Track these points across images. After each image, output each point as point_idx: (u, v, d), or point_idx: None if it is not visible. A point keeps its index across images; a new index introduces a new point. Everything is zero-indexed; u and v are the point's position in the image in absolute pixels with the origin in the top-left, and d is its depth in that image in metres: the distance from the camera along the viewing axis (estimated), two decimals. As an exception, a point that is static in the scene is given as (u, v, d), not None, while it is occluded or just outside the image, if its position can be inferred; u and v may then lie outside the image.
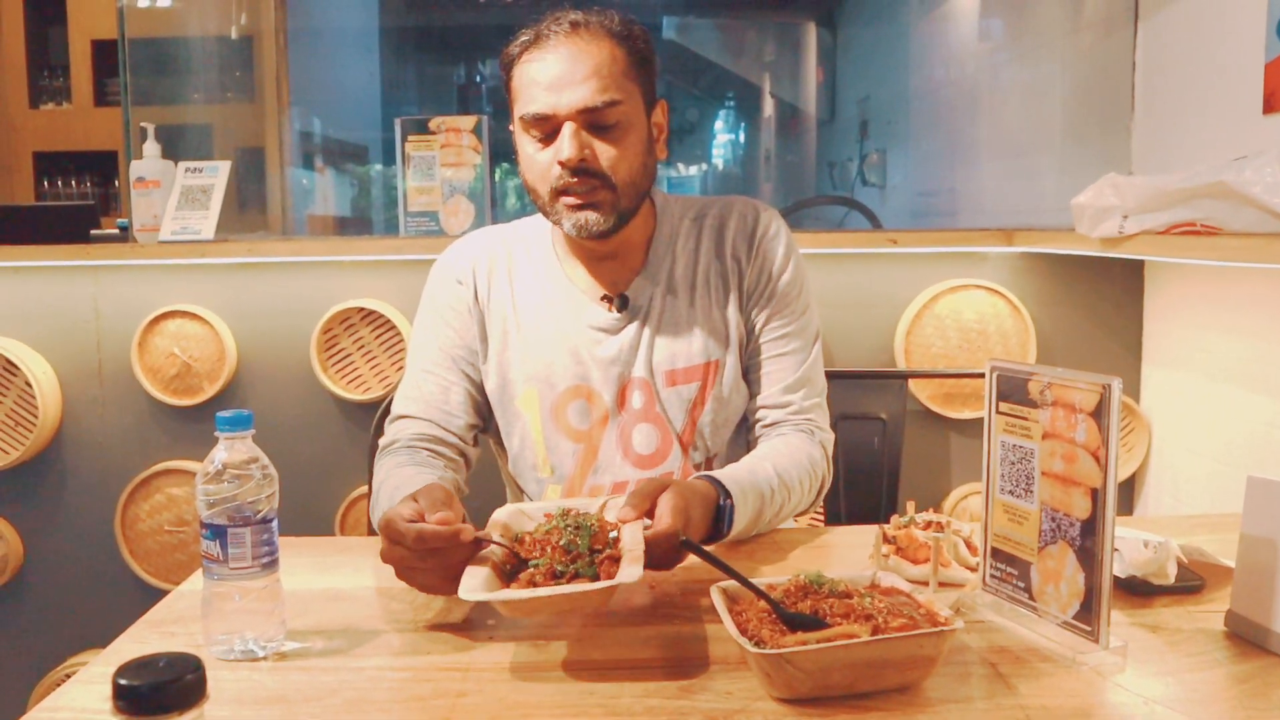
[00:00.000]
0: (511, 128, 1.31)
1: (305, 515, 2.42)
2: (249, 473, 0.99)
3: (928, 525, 1.12)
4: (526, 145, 1.27)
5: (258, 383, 2.40)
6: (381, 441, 1.33)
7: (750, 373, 1.37)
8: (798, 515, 1.36)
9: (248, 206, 3.36)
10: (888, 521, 1.17)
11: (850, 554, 1.25)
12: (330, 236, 3.00)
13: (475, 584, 0.93)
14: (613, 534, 1.00)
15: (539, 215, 1.39)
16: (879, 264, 2.41)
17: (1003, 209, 2.93)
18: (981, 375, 1.36)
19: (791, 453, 1.32)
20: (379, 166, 3.43)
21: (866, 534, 1.32)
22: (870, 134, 4.02)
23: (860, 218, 3.01)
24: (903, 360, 2.36)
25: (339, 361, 2.37)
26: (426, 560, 0.99)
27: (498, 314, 1.38)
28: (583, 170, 1.25)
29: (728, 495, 1.16)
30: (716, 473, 1.19)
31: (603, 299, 1.35)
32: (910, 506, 1.19)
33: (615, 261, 1.38)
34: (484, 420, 1.42)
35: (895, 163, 3.80)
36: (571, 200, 1.26)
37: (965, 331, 2.32)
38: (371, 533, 1.47)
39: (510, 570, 0.99)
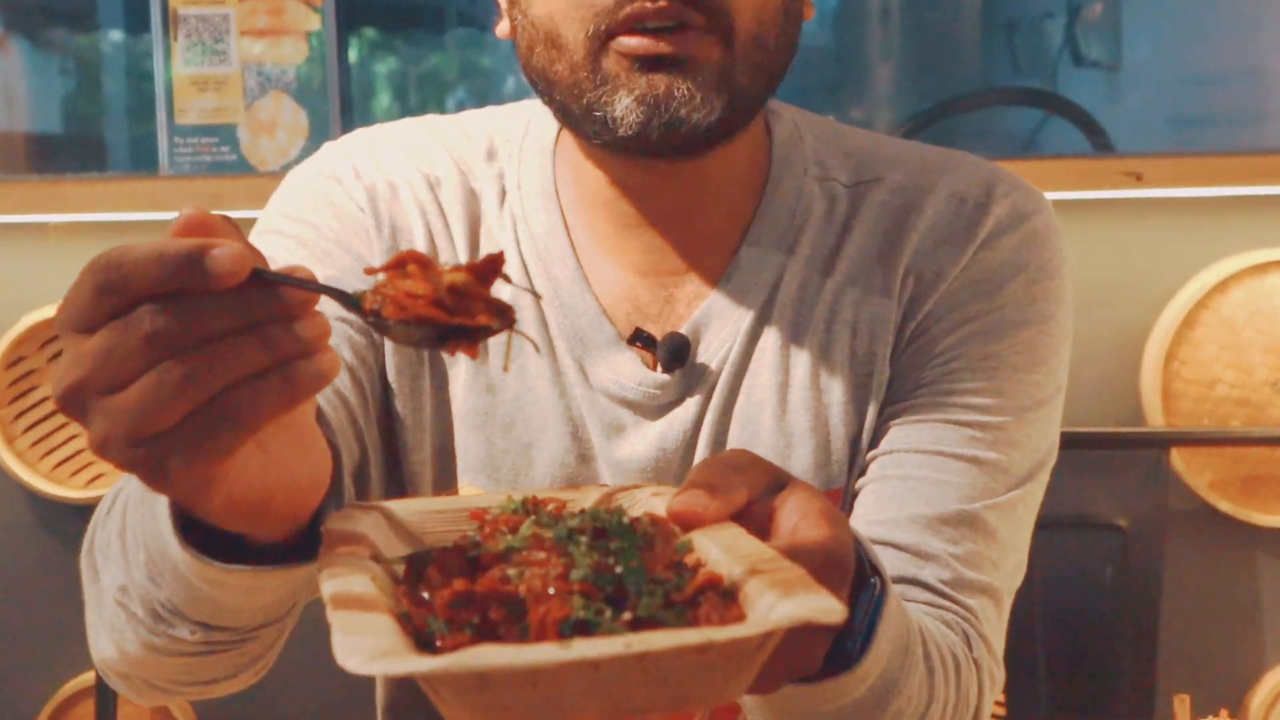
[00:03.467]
0: None
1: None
2: None
3: (1217, 746, 0.91)
4: None
5: None
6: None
7: (867, 475, 1.02)
8: None
9: None
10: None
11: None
12: (19, 176, 2.53)
13: (377, 642, 0.54)
14: (681, 548, 0.65)
15: (524, 112, 1.09)
16: (1108, 220, 1.95)
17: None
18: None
19: (936, 634, 0.94)
20: (117, 36, 2.97)
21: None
22: (1090, -38, 3.65)
23: (1069, 130, 2.46)
24: (1158, 410, 1.86)
25: (39, 422, 1.91)
26: (129, 345, 0.57)
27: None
28: None
29: (875, 570, 0.79)
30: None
31: (633, 339, 1.01)
32: (1182, 706, 1.04)
33: (684, 242, 1.03)
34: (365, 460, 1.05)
35: (1138, 22, 3.27)
36: (642, 45, 0.93)
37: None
38: None
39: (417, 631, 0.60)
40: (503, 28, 1.01)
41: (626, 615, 0.58)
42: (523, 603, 0.58)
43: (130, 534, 0.76)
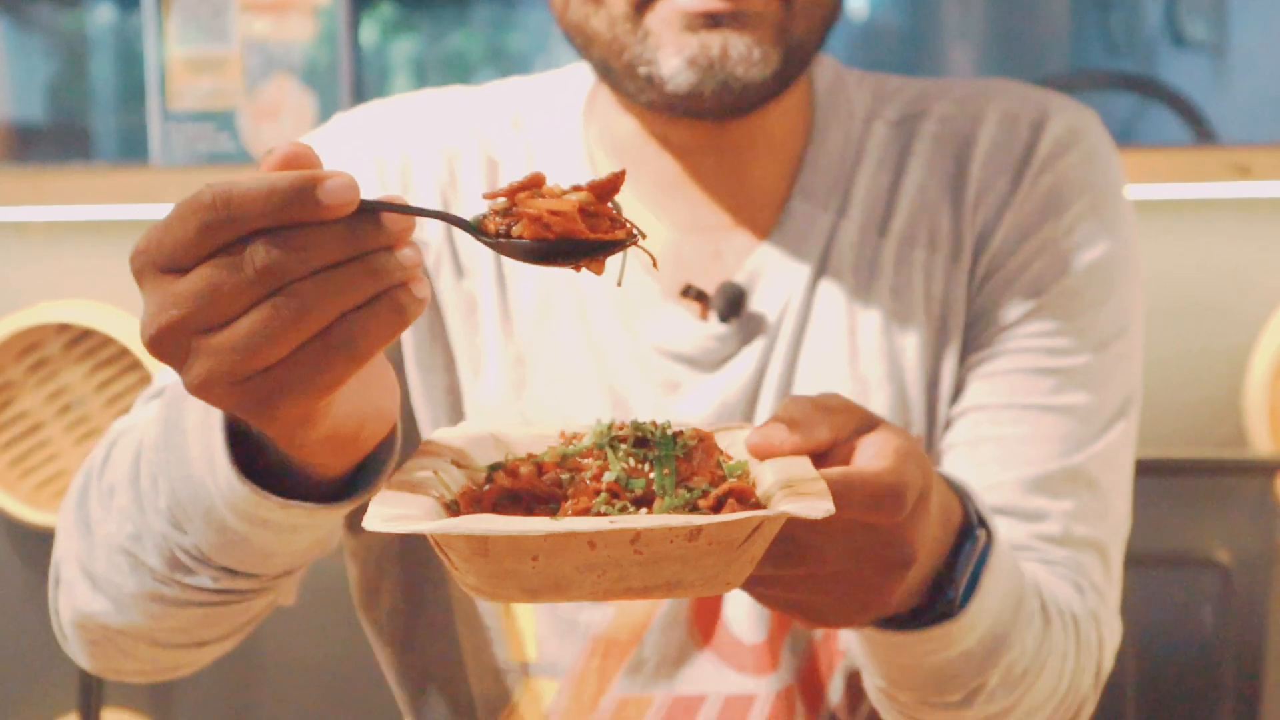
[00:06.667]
0: None
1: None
2: None
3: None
4: None
5: None
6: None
7: (957, 434, 1.06)
8: None
9: None
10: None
11: None
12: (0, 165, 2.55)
13: (405, 510, 0.65)
14: (732, 470, 0.74)
15: (553, 80, 1.12)
16: (1211, 217, 1.84)
17: None
18: None
19: (1053, 581, 1.01)
20: (105, 15, 2.85)
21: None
22: (1190, -60, 3.70)
23: (1169, 118, 2.38)
24: (1264, 431, 1.74)
25: (18, 439, 1.81)
26: (239, 281, 0.61)
27: (455, 288, 1.08)
28: None
29: (983, 522, 0.86)
30: (955, 475, 0.92)
31: (685, 291, 1.04)
32: None
33: (730, 197, 1.06)
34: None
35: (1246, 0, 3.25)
36: (695, 2, 0.96)
37: None
38: None
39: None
40: None
41: (644, 512, 0.66)
42: (561, 500, 0.66)
43: (147, 480, 0.80)
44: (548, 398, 1.04)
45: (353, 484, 0.73)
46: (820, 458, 0.74)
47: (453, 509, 0.67)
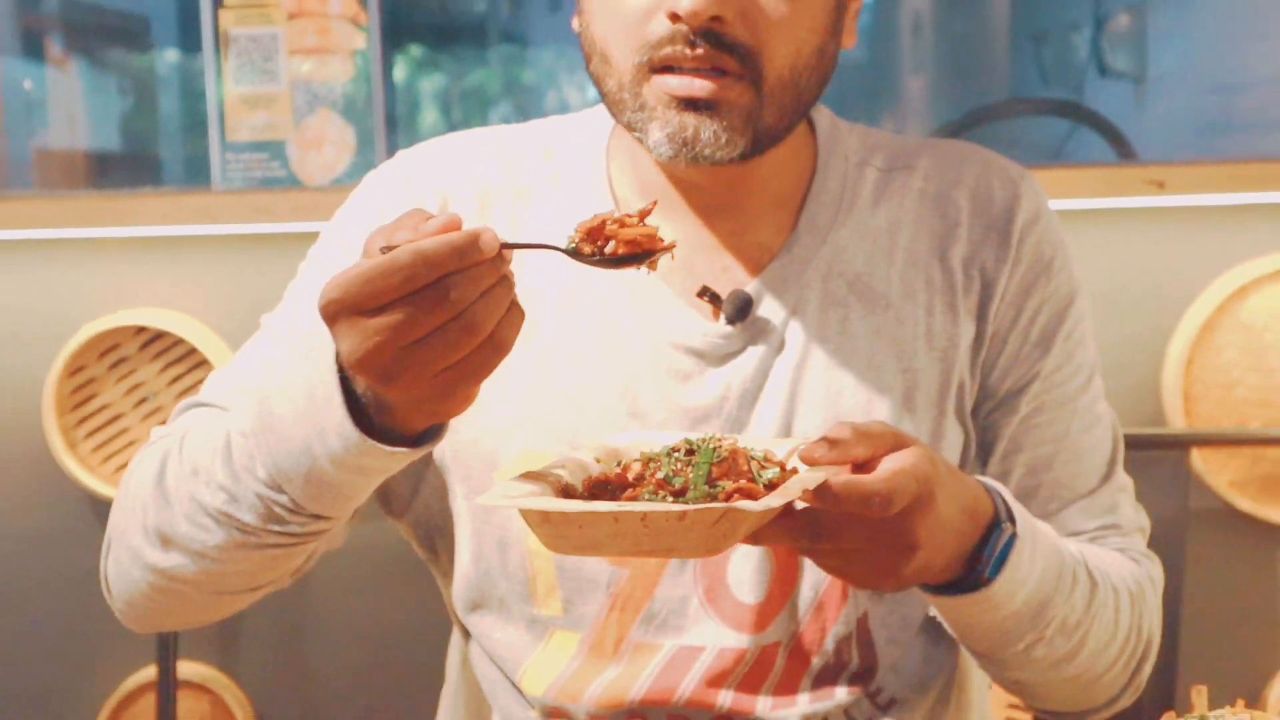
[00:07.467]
0: None
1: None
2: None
3: (1234, 736, 0.98)
4: None
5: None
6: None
7: (1019, 482, 1.13)
8: (1102, 709, 1.12)
9: (-88, 132, 2.87)
10: (1154, 724, 1.03)
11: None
12: (78, 192, 2.48)
13: (515, 492, 0.83)
14: (767, 474, 0.87)
15: (584, 117, 1.16)
16: (1132, 227, 1.96)
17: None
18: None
19: (1109, 557, 1.10)
20: (171, 57, 2.86)
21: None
22: (1116, -21, 3.45)
23: (1094, 140, 2.47)
24: (1179, 412, 1.87)
25: (99, 428, 1.90)
26: (437, 310, 0.79)
27: None
28: (713, 36, 0.98)
29: (1010, 516, 0.96)
30: (994, 483, 1.01)
31: (701, 293, 1.07)
32: (1199, 697, 0.98)
33: (733, 222, 1.10)
34: (400, 486, 1.17)
35: (1163, 32, 3.16)
36: (678, 86, 1.00)
37: (1305, 356, 1.89)
38: None
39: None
40: (575, 24, 1.07)
41: (671, 499, 0.83)
42: (630, 488, 0.84)
43: (242, 459, 0.92)
44: (569, 389, 1.09)
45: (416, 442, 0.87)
46: (861, 467, 0.88)
47: (564, 492, 0.86)
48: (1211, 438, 1.78)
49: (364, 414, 0.85)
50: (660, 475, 0.86)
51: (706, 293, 1.07)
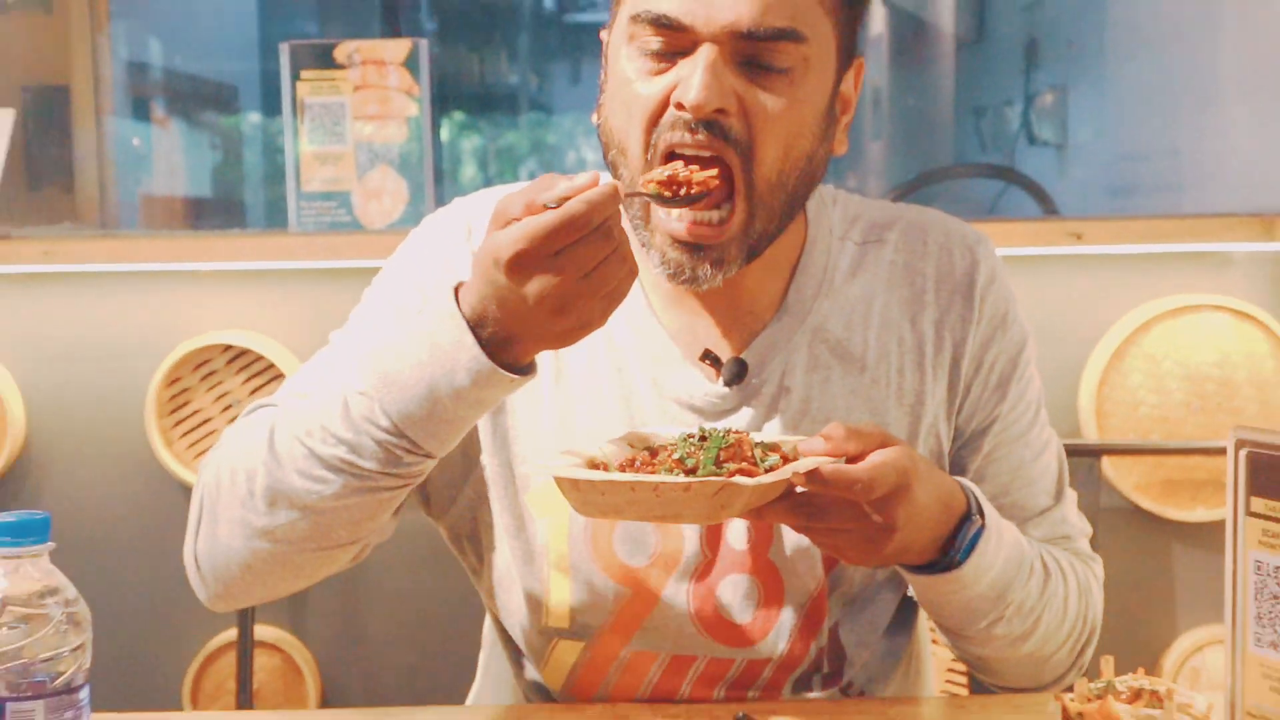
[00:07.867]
0: (605, 33, 1.06)
1: (135, 679, 2.08)
2: (43, 611, 0.88)
3: (1135, 696, 0.96)
4: (627, 65, 1.00)
5: (58, 465, 2.06)
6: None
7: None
8: (1046, 683, 1.13)
9: (42, 182, 2.90)
10: (1069, 689, 1.01)
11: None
12: (177, 232, 2.60)
13: (556, 463, 0.88)
14: (769, 459, 0.89)
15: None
16: (1054, 271, 2.03)
17: (1259, 184, 2.43)
18: (1223, 451, 1.11)
19: (1062, 556, 1.11)
20: (255, 119, 2.99)
21: (1034, 710, 1.10)
22: (1041, 62, 3.49)
23: (1023, 198, 2.60)
24: (1092, 426, 1.94)
25: (192, 430, 1.96)
26: (605, 244, 0.86)
27: None
28: (715, 127, 0.97)
29: (981, 511, 0.99)
30: (969, 483, 1.02)
31: (704, 357, 1.07)
32: (1107, 665, 1.00)
33: (732, 293, 1.08)
34: (436, 495, 1.14)
35: (1082, 108, 3.26)
36: (679, 231, 1.00)
37: (1196, 380, 1.96)
38: (243, 705, 1.47)
39: None
40: (595, 118, 1.09)
41: (683, 475, 0.86)
42: (651, 466, 0.88)
43: (361, 412, 0.94)
44: (581, 422, 1.10)
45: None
46: (852, 460, 0.90)
47: (596, 467, 0.90)
48: (1119, 448, 1.86)
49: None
50: (676, 456, 0.90)
51: (708, 356, 1.08)
